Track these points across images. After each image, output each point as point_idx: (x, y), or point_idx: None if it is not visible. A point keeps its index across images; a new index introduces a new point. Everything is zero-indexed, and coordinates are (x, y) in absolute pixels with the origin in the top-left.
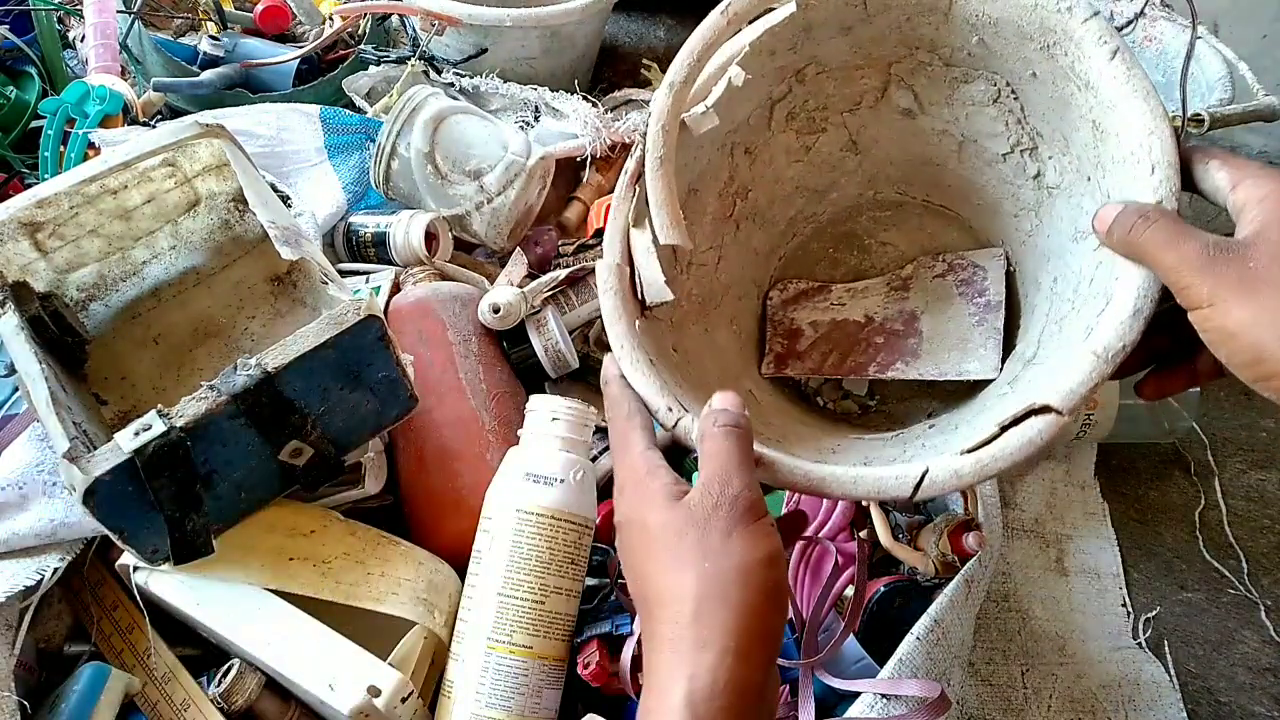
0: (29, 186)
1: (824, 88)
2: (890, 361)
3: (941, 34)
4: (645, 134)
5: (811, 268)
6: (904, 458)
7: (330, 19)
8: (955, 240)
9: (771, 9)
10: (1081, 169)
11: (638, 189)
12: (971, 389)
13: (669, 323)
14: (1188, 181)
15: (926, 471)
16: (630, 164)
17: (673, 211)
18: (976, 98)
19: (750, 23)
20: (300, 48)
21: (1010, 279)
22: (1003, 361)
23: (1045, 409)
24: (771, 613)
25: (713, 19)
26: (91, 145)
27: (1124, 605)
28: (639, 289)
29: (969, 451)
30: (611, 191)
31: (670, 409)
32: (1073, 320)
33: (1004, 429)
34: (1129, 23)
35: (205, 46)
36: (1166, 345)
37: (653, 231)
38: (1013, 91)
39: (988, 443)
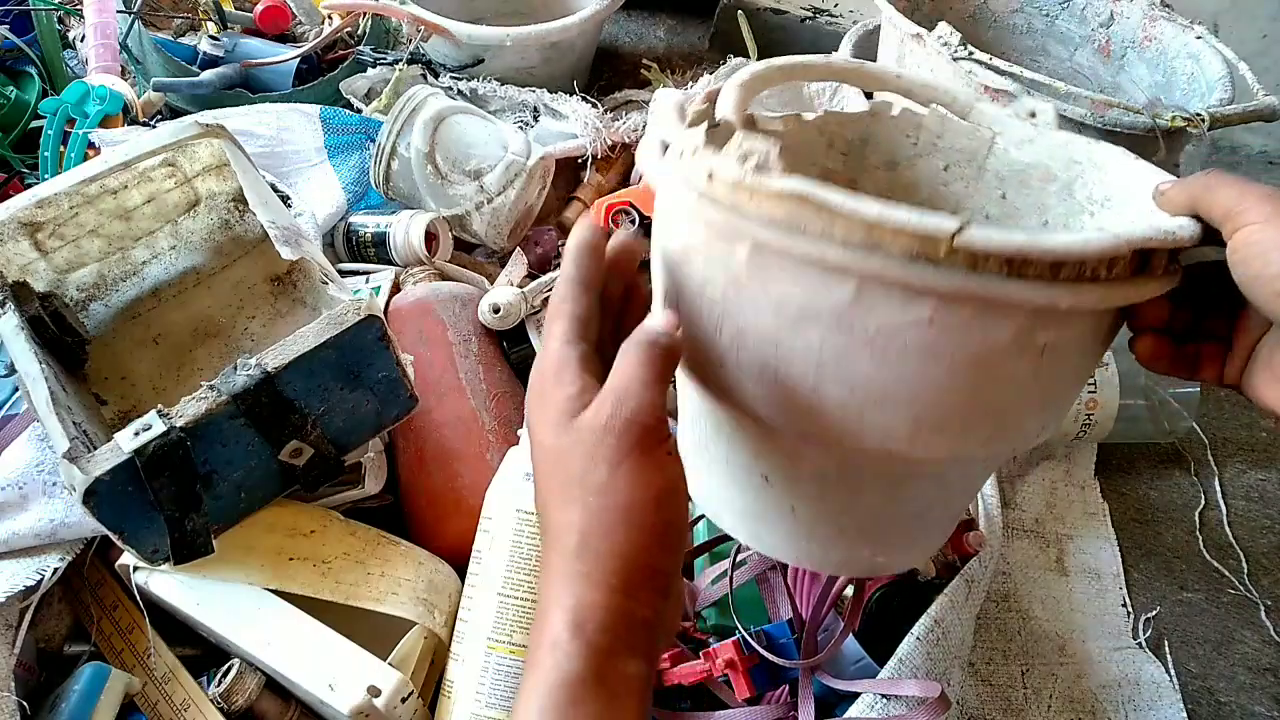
0: (29, 186)
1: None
2: None
3: (968, 193)
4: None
5: None
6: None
7: (329, 19)
8: None
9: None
10: None
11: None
12: None
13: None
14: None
15: (960, 228)
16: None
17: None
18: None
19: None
20: (300, 48)
21: None
22: None
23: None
24: (660, 552)
25: (768, 62)
26: (91, 145)
27: (1124, 605)
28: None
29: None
30: (612, 191)
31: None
32: None
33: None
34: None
35: (205, 46)
36: (1185, 322)
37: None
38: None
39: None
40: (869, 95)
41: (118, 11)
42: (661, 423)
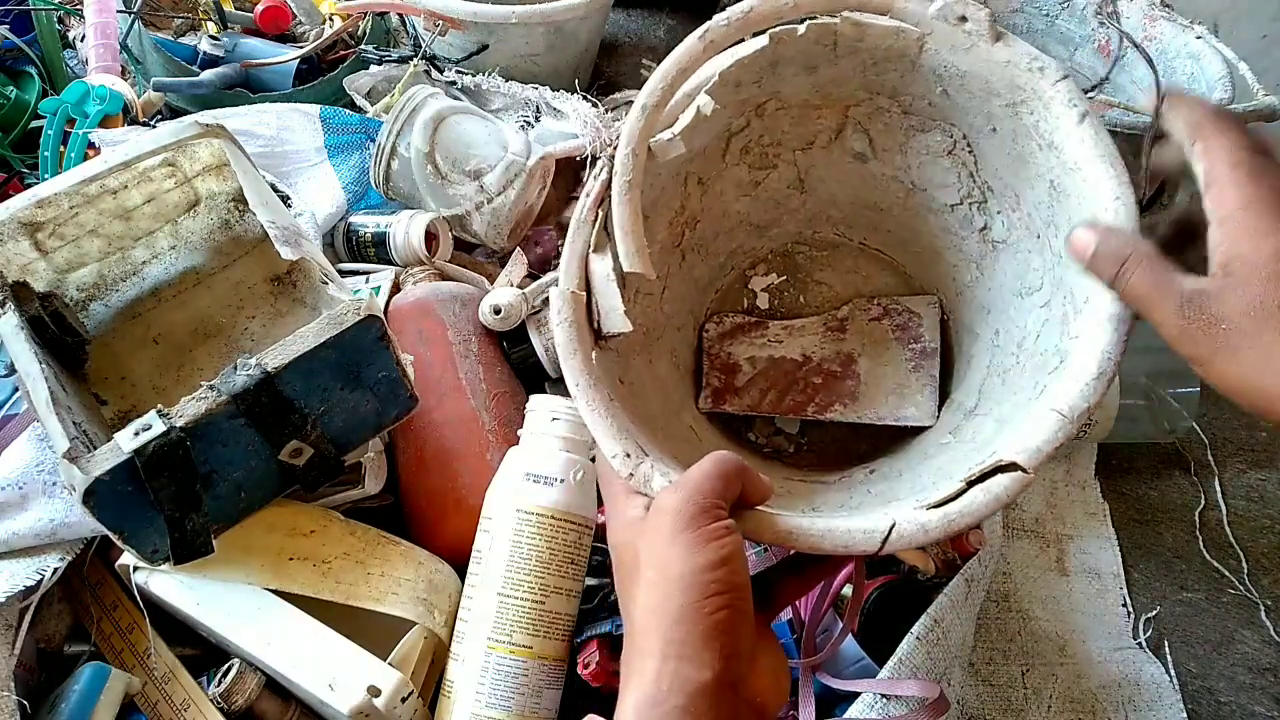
0: (29, 186)
1: (780, 124)
2: (829, 402)
3: (905, 82)
4: (612, 157)
5: (743, 302)
6: (851, 504)
7: (330, 19)
8: (888, 285)
9: (743, 40)
10: (1032, 226)
11: (599, 213)
12: (902, 433)
13: (617, 354)
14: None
15: (894, 526)
16: (593, 186)
17: (639, 238)
18: (931, 148)
19: (721, 52)
20: (300, 48)
21: (944, 327)
22: (939, 409)
23: (1011, 466)
24: (716, 611)
25: (689, 44)
26: (91, 145)
27: (1124, 605)
28: (595, 319)
29: (934, 506)
30: None
31: (629, 454)
32: (1018, 374)
33: (970, 484)
34: (1094, 87)
35: (205, 46)
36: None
37: (616, 258)
38: (969, 145)
39: (953, 498)
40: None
41: (118, 11)
42: (716, 506)
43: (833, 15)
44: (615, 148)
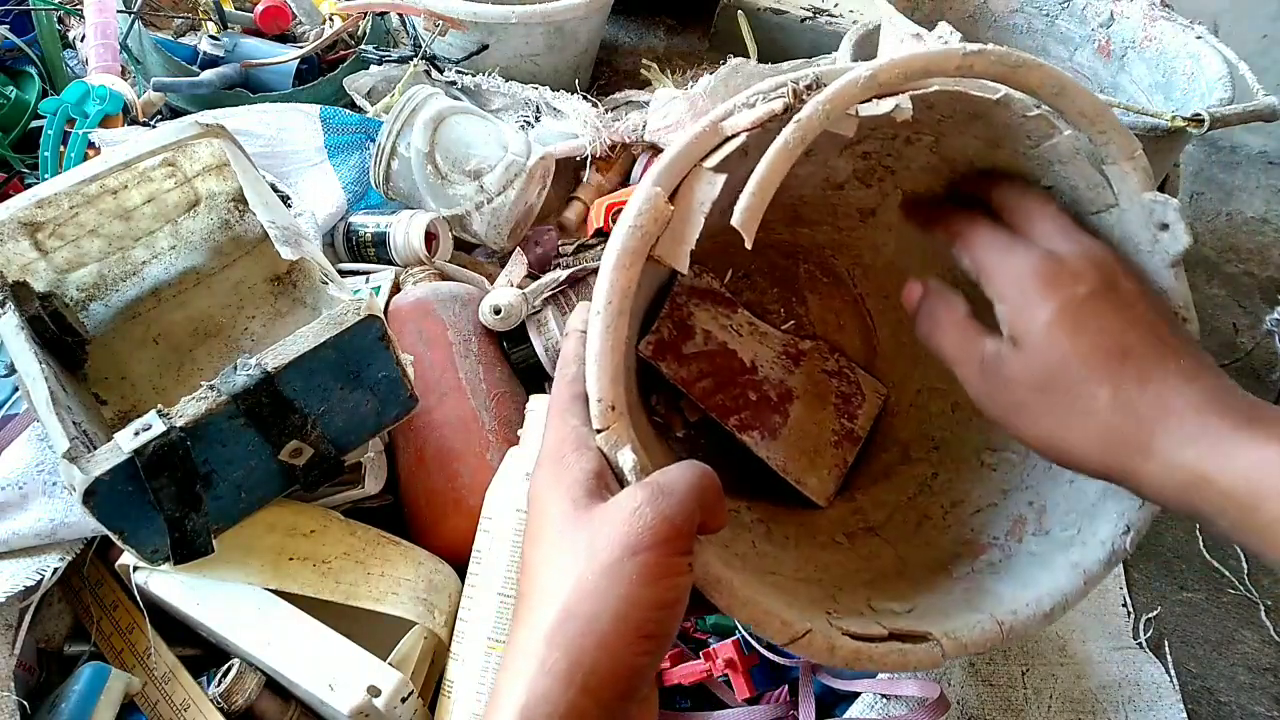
0: (29, 186)
1: (912, 160)
2: (752, 425)
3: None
4: (801, 94)
5: (729, 270)
6: (736, 548)
7: (330, 19)
8: (854, 348)
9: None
10: None
11: (745, 136)
12: (791, 492)
13: None
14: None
15: (808, 633)
16: (762, 108)
17: (766, 199)
18: None
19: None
20: (300, 48)
21: (878, 422)
22: (836, 495)
23: (935, 642)
24: (641, 655)
25: (949, 53)
26: (91, 145)
27: (1124, 605)
28: (657, 240)
29: (853, 637)
30: (612, 191)
31: (614, 408)
32: (940, 533)
33: (892, 636)
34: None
35: (205, 46)
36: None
37: (724, 194)
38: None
39: (870, 640)
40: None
41: (118, 11)
42: (690, 535)
43: (1073, 130)
44: (809, 89)
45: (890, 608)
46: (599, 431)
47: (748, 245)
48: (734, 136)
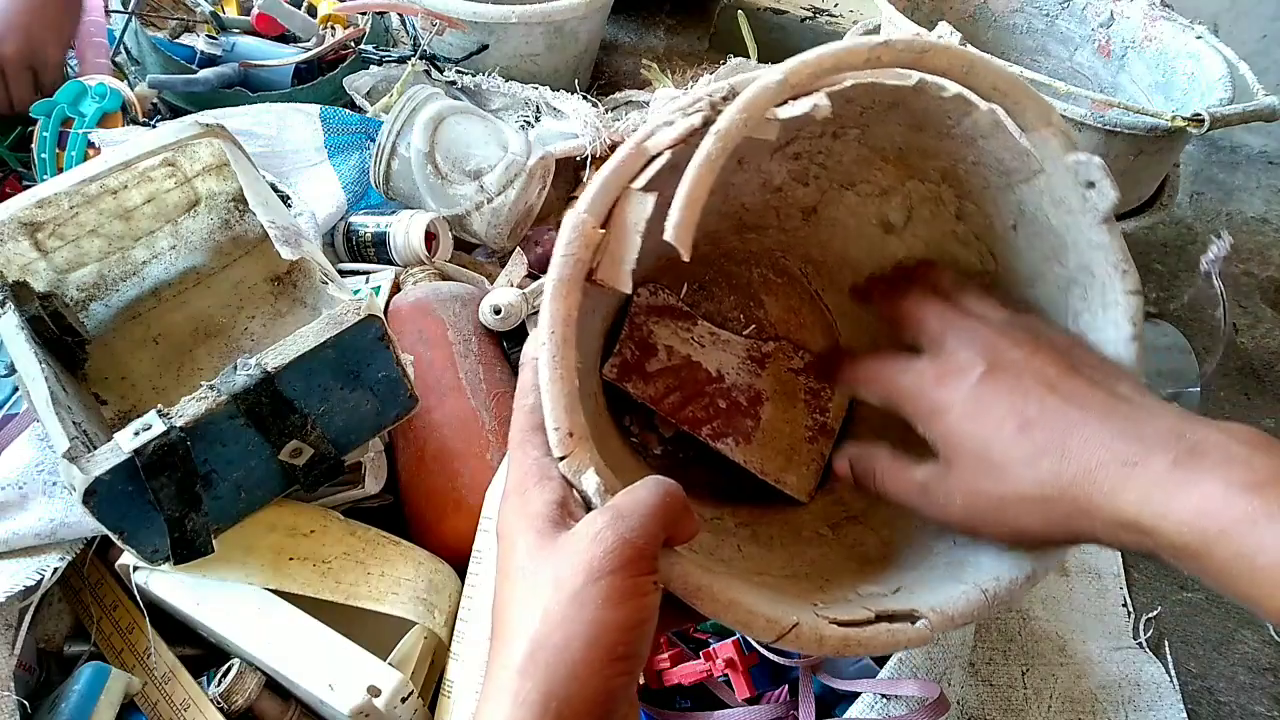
0: (26, 188)
1: (844, 154)
2: (724, 432)
3: (988, 195)
4: (716, 106)
5: (684, 284)
6: (721, 554)
7: (332, 28)
8: (818, 344)
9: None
10: None
11: (667, 155)
12: (775, 492)
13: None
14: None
15: (795, 626)
16: (681, 123)
17: (697, 212)
18: (961, 261)
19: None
20: (305, 49)
21: (850, 410)
22: (816, 490)
23: (921, 619)
24: (615, 677)
25: (854, 47)
26: (91, 145)
27: (1124, 605)
28: (595, 260)
29: (840, 624)
30: None
31: (572, 434)
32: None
33: (879, 618)
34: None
35: (203, 46)
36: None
37: (658, 213)
38: (995, 280)
39: (856, 624)
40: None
41: (114, 11)
42: (653, 556)
43: (986, 100)
44: (725, 99)
45: (875, 591)
46: (561, 459)
47: (685, 257)
48: (658, 155)
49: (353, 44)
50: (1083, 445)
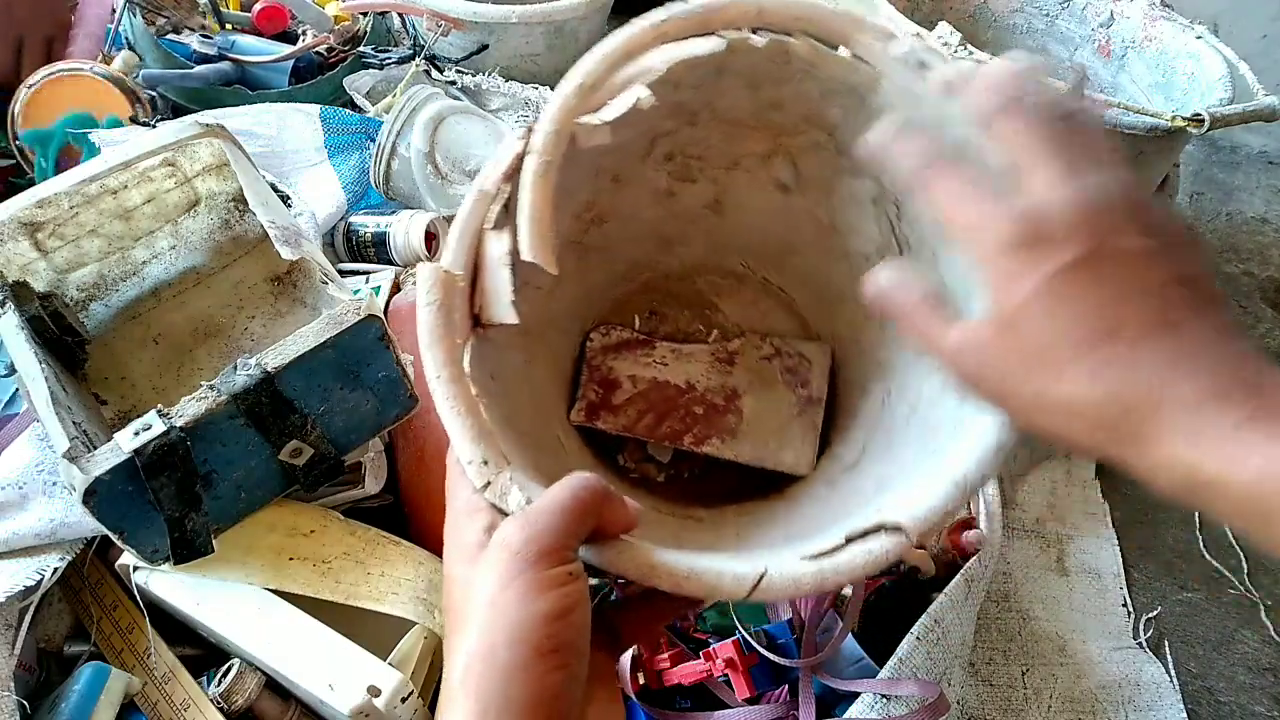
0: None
1: (710, 137)
2: (707, 435)
3: (848, 120)
4: (530, 130)
5: (635, 318)
6: (718, 545)
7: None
8: (785, 327)
9: (696, 37)
10: (946, 287)
11: (503, 188)
12: (777, 477)
13: (492, 345)
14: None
15: (765, 574)
16: (504, 157)
17: (546, 226)
18: (857, 193)
19: (670, 43)
20: (303, 46)
21: (833, 376)
22: (817, 458)
23: (895, 528)
24: (549, 672)
25: (640, 27)
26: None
27: (1124, 605)
28: (477, 304)
29: (811, 558)
30: None
31: (487, 462)
32: (904, 436)
33: (849, 541)
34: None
35: (196, 44)
36: None
37: (513, 243)
38: (895, 198)
39: (829, 553)
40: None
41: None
42: (564, 548)
43: (791, 35)
44: (535, 122)
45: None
46: (484, 488)
47: (552, 270)
48: (497, 194)
49: (337, 43)
50: (1158, 373)
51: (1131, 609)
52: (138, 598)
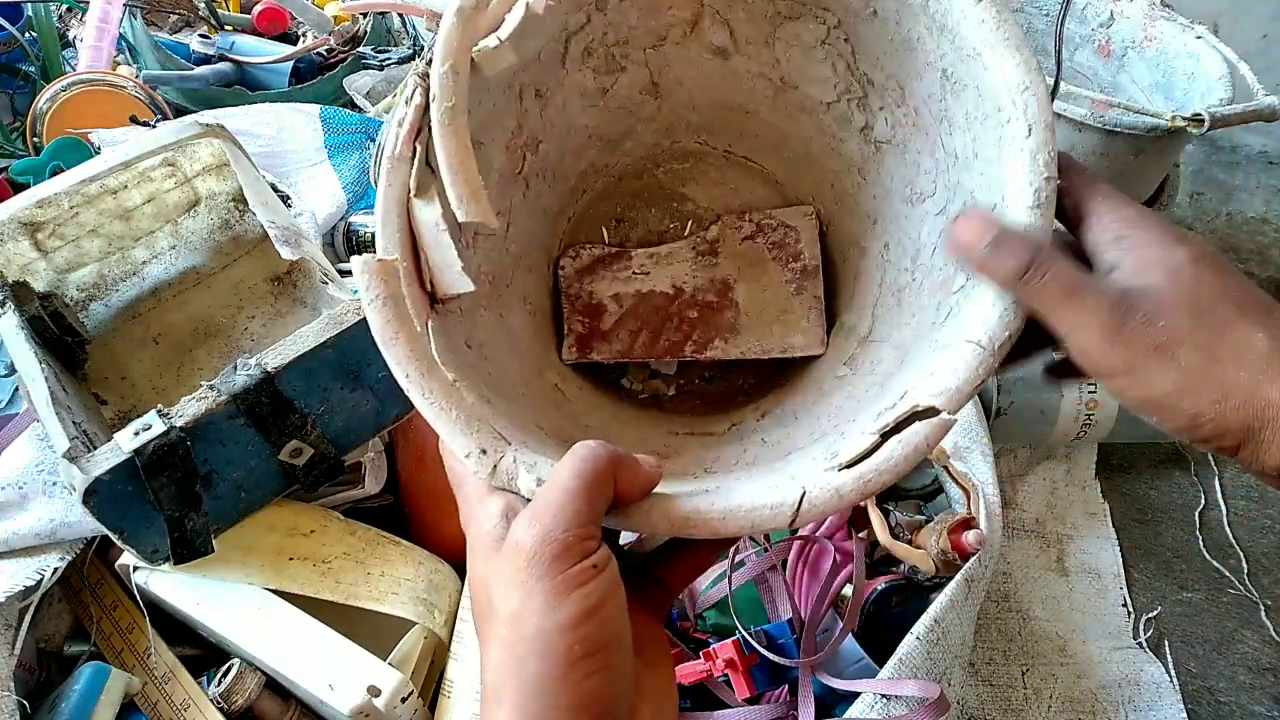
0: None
1: (626, 18)
2: (708, 339)
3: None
4: (426, 75)
5: (603, 230)
6: (746, 458)
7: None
8: (760, 197)
9: None
10: (920, 123)
11: (417, 147)
12: (789, 363)
13: (459, 313)
14: (1060, 213)
15: (804, 495)
16: (406, 113)
17: (472, 176)
18: (802, 37)
19: None
20: (303, 46)
21: (823, 240)
22: (828, 335)
23: (929, 411)
24: (585, 679)
25: None
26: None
27: (1124, 605)
28: (426, 279)
29: (847, 466)
30: None
31: (485, 450)
32: (915, 293)
33: (884, 437)
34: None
35: (195, 45)
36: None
37: (444, 204)
38: (845, 32)
39: (867, 455)
40: None
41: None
42: (584, 539)
43: None
44: (429, 64)
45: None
46: (491, 478)
47: (492, 224)
48: (413, 156)
49: (337, 44)
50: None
51: (1131, 609)
52: (138, 598)
